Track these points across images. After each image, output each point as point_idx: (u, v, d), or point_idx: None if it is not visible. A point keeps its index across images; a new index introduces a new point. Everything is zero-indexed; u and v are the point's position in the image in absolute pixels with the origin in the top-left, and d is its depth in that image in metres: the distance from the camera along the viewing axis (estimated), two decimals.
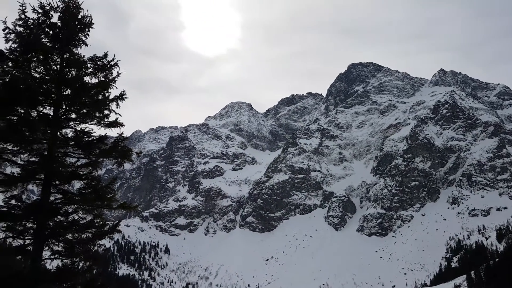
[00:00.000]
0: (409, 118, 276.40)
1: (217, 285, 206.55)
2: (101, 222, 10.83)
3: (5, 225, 10.09)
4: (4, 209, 9.92)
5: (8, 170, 11.23)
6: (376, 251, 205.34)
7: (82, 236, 10.48)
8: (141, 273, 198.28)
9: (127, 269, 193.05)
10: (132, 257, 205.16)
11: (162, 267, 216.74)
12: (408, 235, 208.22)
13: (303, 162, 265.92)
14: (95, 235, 10.55)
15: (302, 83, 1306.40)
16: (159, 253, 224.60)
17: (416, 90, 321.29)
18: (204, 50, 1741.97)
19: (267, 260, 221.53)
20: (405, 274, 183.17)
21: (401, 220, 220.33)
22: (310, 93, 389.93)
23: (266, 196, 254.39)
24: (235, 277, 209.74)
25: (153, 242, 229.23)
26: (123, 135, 11.42)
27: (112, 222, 11.02)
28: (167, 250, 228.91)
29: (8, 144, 10.34)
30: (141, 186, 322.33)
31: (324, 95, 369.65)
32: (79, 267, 10.53)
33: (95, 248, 11.04)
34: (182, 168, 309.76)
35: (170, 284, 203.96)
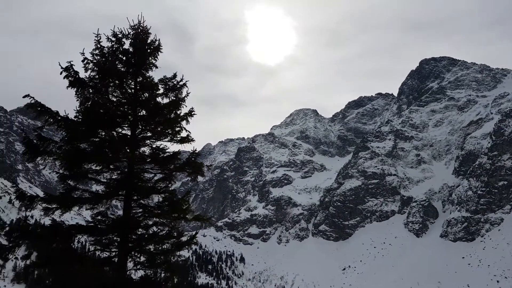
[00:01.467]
0: (491, 113, 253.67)
1: None
2: (178, 234, 11.33)
3: (92, 239, 10.96)
4: (91, 224, 10.78)
5: (93, 188, 12.22)
6: (463, 257, 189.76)
7: (162, 248, 11.03)
8: (219, 282, 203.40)
9: (205, 278, 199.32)
10: (210, 266, 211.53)
11: (239, 276, 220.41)
12: (499, 239, 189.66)
13: (376, 166, 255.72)
14: (174, 246, 11.05)
15: (370, 84, 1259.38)
16: (235, 262, 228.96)
17: (497, 82, 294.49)
18: (267, 60, 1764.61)
19: (344, 269, 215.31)
20: (497, 282, 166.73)
21: (490, 223, 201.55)
22: (379, 94, 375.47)
23: (339, 204, 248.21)
24: (312, 287, 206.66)
25: (229, 251, 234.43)
26: (196, 151, 11.93)
27: (191, 233, 11.48)
28: (242, 259, 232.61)
29: (92, 164, 11.27)
30: (214, 197, 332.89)
31: (395, 94, 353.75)
32: (161, 276, 11.07)
33: (175, 258, 11.55)
34: (251, 178, 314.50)
35: None
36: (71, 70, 11.57)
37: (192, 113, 12.83)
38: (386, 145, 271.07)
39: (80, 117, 11.57)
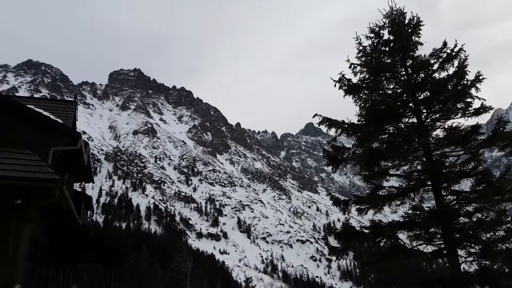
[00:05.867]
0: None
1: None
2: (508, 218, 9.65)
3: (412, 234, 10.77)
4: (407, 219, 10.64)
5: (384, 184, 12.10)
6: None
7: (495, 235, 9.65)
8: None
9: None
10: None
11: None
12: None
13: None
14: (509, 233, 9.45)
15: None
16: None
17: None
18: None
19: None
20: None
21: None
22: None
23: None
24: None
25: None
26: (502, 118, 10.14)
27: None
28: None
29: (389, 160, 11.28)
30: None
31: None
32: (501, 269, 9.63)
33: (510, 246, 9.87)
34: None
35: None
36: (344, 79, 12.20)
37: (481, 77, 11.21)
38: None
39: (362, 120, 11.95)
